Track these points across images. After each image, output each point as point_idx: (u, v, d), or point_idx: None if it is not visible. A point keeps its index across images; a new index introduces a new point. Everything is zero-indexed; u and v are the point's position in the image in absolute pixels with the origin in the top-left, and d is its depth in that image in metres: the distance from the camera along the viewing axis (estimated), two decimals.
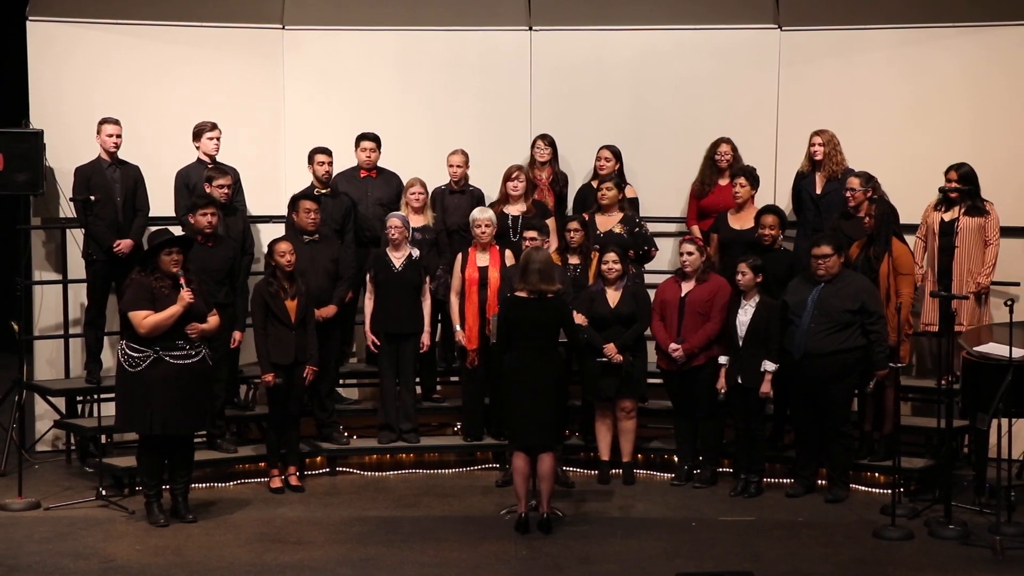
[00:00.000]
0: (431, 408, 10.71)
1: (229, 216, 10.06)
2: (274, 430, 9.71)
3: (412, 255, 10.13)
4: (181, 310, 8.66)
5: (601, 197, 10.40)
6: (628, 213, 10.43)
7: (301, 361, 9.57)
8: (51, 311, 10.79)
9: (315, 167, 10.42)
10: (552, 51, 11.31)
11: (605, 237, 10.21)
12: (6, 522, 8.83)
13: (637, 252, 10.28)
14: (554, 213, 10.69)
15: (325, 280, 10.04)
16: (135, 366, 8.64)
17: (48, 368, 10.83)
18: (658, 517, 9.07)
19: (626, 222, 10.36)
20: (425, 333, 10.18)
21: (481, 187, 10.79)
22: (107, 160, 10.22)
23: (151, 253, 8.78)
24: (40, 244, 10.83)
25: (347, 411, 10.73)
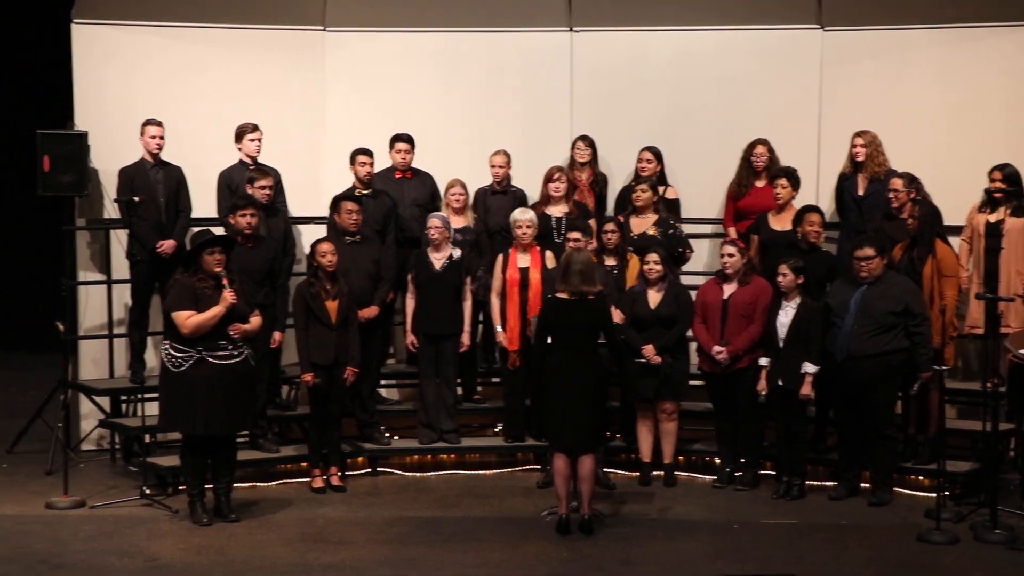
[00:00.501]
0: (472, 409, 10.70)
1: (271, 217, 10.07)
2: (316, 430, 9.70)
3: (453, 256, 10.11)
4: (224, 310, 8.67)
5: (636, 199, 10.37)
6: (663, 215, 10.39)
7: (342, 362, 9.57)
8: (96, 311, 10.84)
9: (357, 168, 10.41)
10: (592, 52, 11.29)
11: (639, 239, 10.19)
12: (52, 520, 8.88)
13: (671, 254, 10.25)
14: (594, 214, 10.66)
15: (366, 281, 10.03)
16: (178, 366, 8.66)
17: (93, 368, 10.87)
18: (699, 519, 9.03)
19: (660, 224, 10.32)
20: (465, 334, 10.16)
21: (522, 187, 10.76)
22: (150, 161, 10.27)
23: (194, 253, 8.81)
24: (85, 245, 10.87)
25: (388, 411, 10.73)
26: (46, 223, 12.02)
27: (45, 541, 8.45)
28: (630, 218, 10.38)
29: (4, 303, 15.43)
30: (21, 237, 15.10)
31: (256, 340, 9.14)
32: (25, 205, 13.76)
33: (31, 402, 11.15)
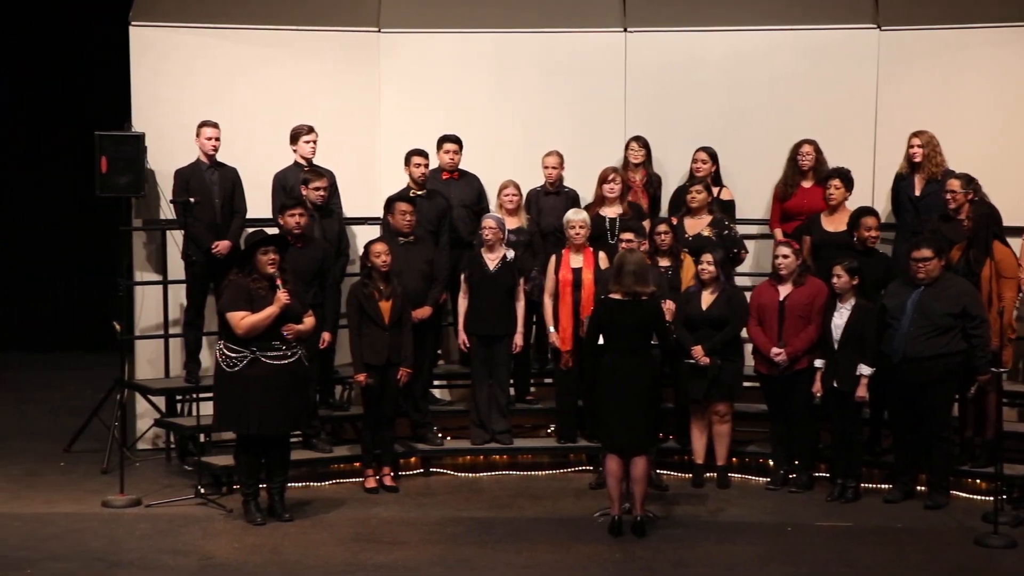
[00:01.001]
0: (525, 410, 10.67)
1: (325, 218, 10.09)
2: (369, 430, 9.71)
3: (507, 257, 10.09)
4: (278, 311, 8.69)
5: (690, 200, 10.32)
6: (717, 216, 10.34)
7: (395, 362, 9.56)
8: (152, 311, 10.89)
9: (411, 169, 10.41)
10: (646, 52, 11.23)
11: (694, 240, 10.13)
12: (108, 519, 8.93)
13: (727, 255, 10.18)
14: (648, 215, 10.61)
15: (420, 281, 10.03)
16: (232, 366, 8.68)
17: (149, 368, 10.93)
18: (753, 521, 8.97)
19: (715, 225, 10.26)
20: (518, 334, 10.13)
21: (575, 188, 10.73)
22: (206, 162, 10.31)
23: (247, 253, 8.83)
24: (141, 245, 10.93)
25: (441, 412, 10.73)
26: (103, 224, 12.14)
27: (101, 539, 8.49)
28: (684, 219, 10.34)
29: (62, 303, 15.60)
30: (78, 238, 15.23)
31: (309, 340, 9.16)
32: (83, 206, 13.92)
33: (88, 401, 11.24)
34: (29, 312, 15.59)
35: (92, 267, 14.98)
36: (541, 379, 10.88)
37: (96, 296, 14.75)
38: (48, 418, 12.00)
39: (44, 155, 15.21)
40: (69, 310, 15.54)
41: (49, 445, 10.87)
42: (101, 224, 13.04)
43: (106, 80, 13.18)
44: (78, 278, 15.46)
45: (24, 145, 15.25)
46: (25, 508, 9.16)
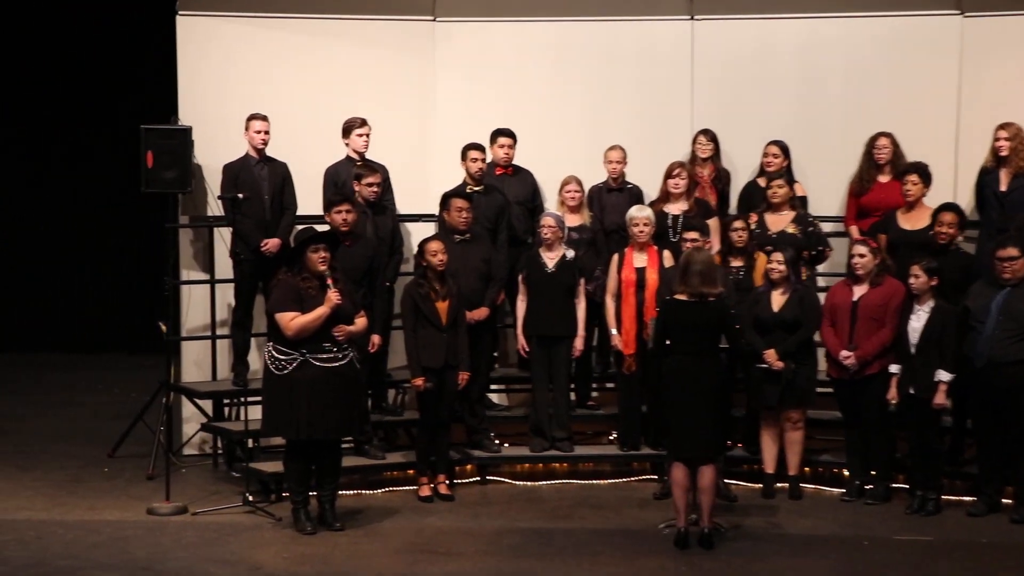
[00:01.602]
0: (586, 416, 10.65)
1: (378, 215, 10.12)
2: (424, 436, 9.73)
3: (566, 255, 10.08)
4: (328, 312, 8.70)
5: (772, 195, 10.26)
6: (800, 212, 10.28)
7: (452, 365, 9.57)
8: (198, 311, 10.93)
9: (468, 164, 10.43)
10: (715, 41, 11.20)
11: (778, 238, 10.07)
12: (154, 527, 8.98)
13: (811, 253, 10.13)
14: (716, 212, 10.58)
15: (476, 281, 10.05)
16: (282, 369, 8.71)
17: (195, 370, 10.98)
18: (827, 535, 8.91)
19: (799, 221, 10.20)
20: (579, 337, 10.11)
21: (639, 184, 10.72)
22: (255, 157, 10.34)
23: (297, 252, 8.85)
24: (188, 243, 10.98)
25: (498, 418, 10.74)
26: (149, 221, 12.22)
27: (146, 547, 8.55)
28: (765, 215, 10.28)
29: (106, 303, 15.74)
30: (123, 235, 15.41)
31: (360, 342, 9.18)
32: (128, 202, 14.05)
33: (133, 404, 11.35)
34: (72, 312, 15.77)
35: (137, 266, 15.26)
36: (603, 384, 10.89)
37: (141, 296, 14.87)
38: (92, 422, 12.08)
39: (87, 150, 15.38)
40: (114, 310, 15.69)
41: (93, 450, 10.96)
42: (147, 221, 13.19)
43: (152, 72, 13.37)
44: (123, 277, 15.62)
45: (67, 140, 15.41)
46: (69, 515, 9.25)
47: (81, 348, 15.56)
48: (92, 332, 15.73)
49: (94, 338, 15.68)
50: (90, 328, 15.73)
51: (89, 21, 14.85)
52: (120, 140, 14.02)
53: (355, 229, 9.74)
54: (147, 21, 13.31)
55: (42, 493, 9.76)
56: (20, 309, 15.62)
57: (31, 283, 15.60)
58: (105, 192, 15.25)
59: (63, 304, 15.71)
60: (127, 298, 15.50)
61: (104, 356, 15.29)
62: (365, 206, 10.03)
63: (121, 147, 13.98)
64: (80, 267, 15.71)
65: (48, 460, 10.70)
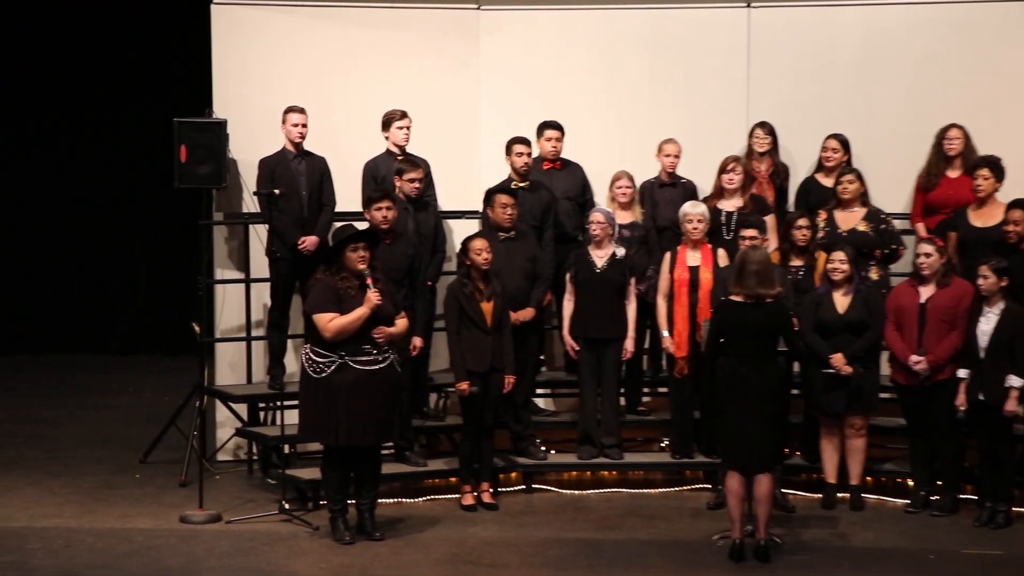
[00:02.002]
0: (636, 421, 10.62)
1: (420, 212, 10.11)
2: (467, 443, 9.72)
3: (616, 254, 10.06)
4: (368, 312, 8.70)
5: (842, 191, 10.19)
6: (872, 208, 10.20)
7: (497, 368, 9.56)
8: (233, 312, 10.93)
9: (513, 158, 10.40)
10: (772, 29, 11.14)
11: (849, 236, 10.02)
12: (187, 535, 8.99)
13: (883, 252, 10.08)
14: (774, 208, 10.53)
15: (522, 281, 10.03)
16: (320, 371, 8.72)
17: (230, 372, 10.99)
18: (890, 548, 8.86)
19: (871, 218, 10.13)
20: (629, 339, 10.09)
21: (692, 179, 10.69)
22: (292, 151, 10.34)
23: (336, 250, 8.86)
24: (222, 240, 10.98)
25: (544, 423, 10.71)
26: (182, 218, 12.25)
27: (179, 557, 8.57)
28: (834, 212, 10.21)
29: (137, 302, 15.81)
30: (156, 233, 15.47)
31: (401, 344, 9.18)
32: (161, 199, 14.13)
33: (165, 408, 11.39)
34: (103, 312, 15.82)
35: (170, 264, 15.32)
36: (654, 388, 10.84)
37: (175, 296, 14.99)
38: (123, 426, 12.11)
39: (118, 145, 15.42)
40: (146, 310, 15.77)
41: (124, 455, 11.00)
42: (180, 218, 13.25)
43: (185, 63, 13.43)
44: (155, 276, 15.67)
45: (97, 134, 15.46)
46: (99, 523, 9.28)
47: (113, 349, 15.65)
48: (124, 333, 15.80)
49: (126, 339, 15.75)
50: (122, 329, 15.81)
51: (119, 10, 14.87)
52: (152, 134, 14.10)
53: (396, 226, 9.70)
54: (180, 10, 13.34)
55: (71, 500, 9.81)
56: (51, 310, 15.66)
57: (61, 283, 15.65)
58: (137, 188, 15.32)
59: (95, 304, 15.77)
60: (160, 298, 15.56)
61: (136, 358, 15.37)
62: (406, 202, 10.01)
63: (153, 142, 14.06)
64: (111, 266, 15.78)
65: (78, 465, 10.76)
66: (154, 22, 14.78)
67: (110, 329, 15.84)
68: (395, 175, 10.09)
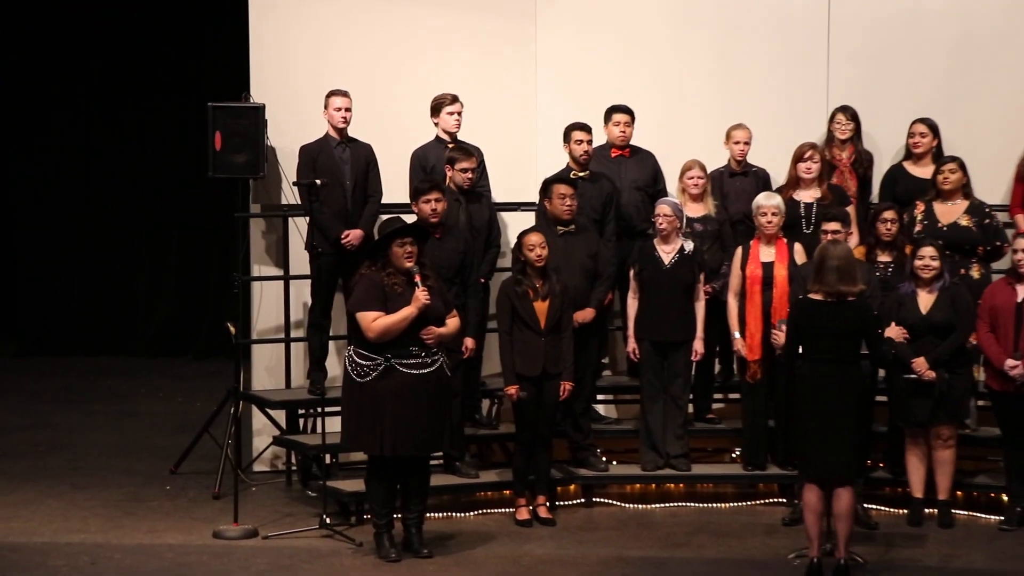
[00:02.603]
0: (705, 430, 10.63)
1: (473, 203, 10.12)
2: (521, 453, 9.72)
3: (684, 249, 10.04)
4: (416, 312, 8.72)
5: (943, 181, 10.17)
6: (975, 201, 10.19)
7: (552, 373, 9.57)
8: (271, 311, 10.96)
9: (572, 146, 10.38)
10: (854, 6, 11.10)
11: (950, 231, 10.02)
12: (221, 551, 9.01)
13: (986, 248, 10.07)
14: (856, 200, 10.48)
15: (582, 278, 10.00)
16: (364, 375, 8.74)
17: (267, 377, 11.02)
18: (983, 568, 8.83)
19: (974, 212, 10.14)
20: (698, 340, 10.07)
21: (766, 168, 10.67)
22: (335, 138, 10.37)
23: (382, 245, 8.87)
24: (259, 235, 11.01)
25: (606, 432, 10.68)
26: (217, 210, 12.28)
27: (212, 575, 8.59)
28: (933, 204, 10.19)
29: (169, 302, 15.90)
30: (188, 226, 15.56)
31: (451, 346, 9.17)
32: (194, 190, 14.20)
33: (198, 415, 11.45)
34: (132, 311, 15.92)
35: (204, 260, 15.45)
36: (725, 394, 10.86)
37: (208, 294, 15.10)
38: (152, 434, 12.16)
39: (149, 132, 15.52)
40: (178, 309, 15.85)
41: (154, 465, 11.05)
42: (215, 211, 13.31)
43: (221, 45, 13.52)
44: (188, 273, 15.78)
45: (127, 121, 15.56)
46: (127, 538, 9.32)
47: (142, 352, 15.73)
48: (154, 334, 15.90)
49: (156, 341, 15.85)
50: (152, 330, 15.91)
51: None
52: (186, 120, 14.22)
53: (446, 220, 9.72)
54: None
55: (97, 514, 9.85)
56: (76, 309, 15.82)
57: (88, 281, 15.81)
58: (169, 178, 15.40)
59: (123, 304, 15.87)
60: (192, 296, 15.68)
61: (167, 361, 15.45)
62: (458, 193, 10.02)
63: (186, 129, 14.15)
64: (140, 263, 15.88)
65: (105, 477, 10.80)
66: (190, 4, 14.85)
67: (139, 330, 15.94)
68: (446, 164, 10.10)
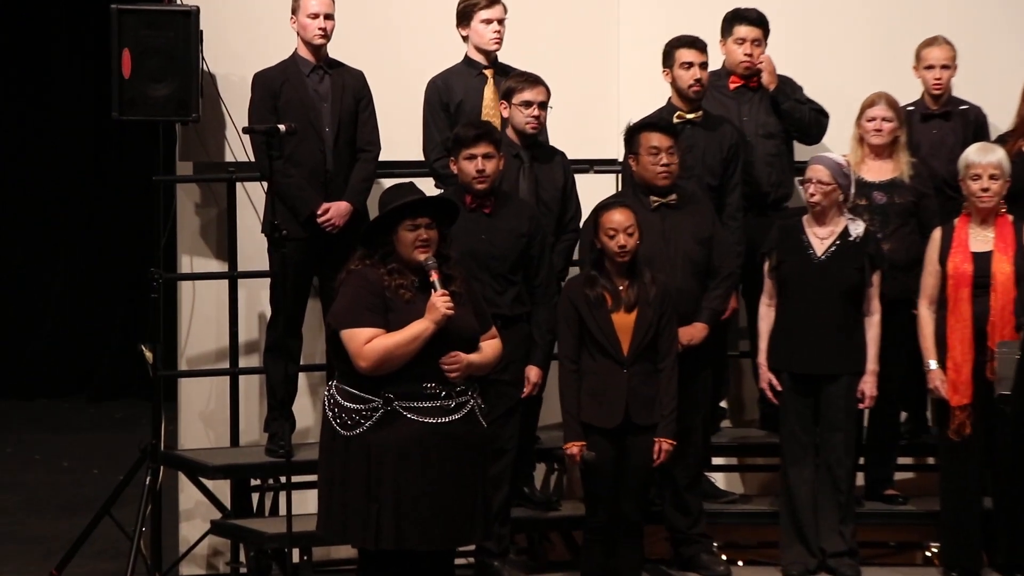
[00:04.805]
0: (883, 513, 10.67)
1: (541, 163, 10.18)
2: (595, 547, 9.70)
3: (849, 232, 10.06)
4: (432, 329, 8.46)
5: None
6: None
7: (642, 425, 9.49)
8: (209, 327, 11.13)
9: (677, 72, 10.40)
10: None
11: None
12: None
13: None
14: None
15: (688, 276, 9.97)
16: (353, 426, 8.49)
17: (202, 427, 11.17)
18: None
19: None
20: (869, 374, 10.02)
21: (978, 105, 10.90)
22: (309, 61, 10.43)
23: (382, 227, 8.62)
24: (191, 209, 11.14)
25: (725, 515, 10.75)
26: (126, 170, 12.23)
27: None
28: None
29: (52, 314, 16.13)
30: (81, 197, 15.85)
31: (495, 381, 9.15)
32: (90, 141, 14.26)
33: (94, 488, 11.89)
34: None
35: (104, 250, 15.41)
36: (915, 457, 11.13)
37: (111, 301, 15.05)
38: (26, 517, 12.27)
39: (14, 51, 15.59)
40: (64, 326, 15.95)
41: (28, 564, 11.08)
42: (121, 173, 13.38)
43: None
44: (79, 270, 16.05)
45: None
46: None
47: (11, 392, 15.89)
48: (29, 365, 15.98)
49: (32, 374, 15.91)
50: (26, 358, 15.99)
51: None
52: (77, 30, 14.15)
53: (500, 186, 9.76)
54: None
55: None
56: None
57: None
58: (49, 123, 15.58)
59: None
60: (87, 306, 15.73)
61: (49, 404, 15.64)
62: (519, 146, 10.08)
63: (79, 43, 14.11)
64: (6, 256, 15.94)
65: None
66: None
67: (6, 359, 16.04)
68: (501, 99, 10.14)
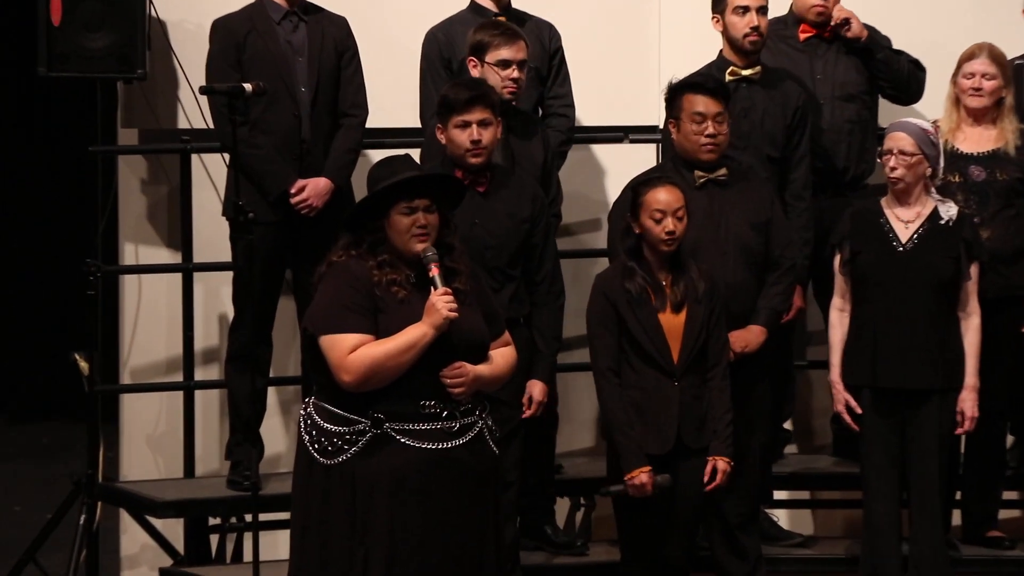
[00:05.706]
0: (986, 560, 10.74)
1: (523, 138, 10.30)
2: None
3: (939, 215, 10.16)
4: (432, 334, 8.37)
5: None
6: None
7: (694, 448, 9.46)
8: (157, 332, 11.28)
9: (730, 18, 10.53)
10: None
11: None
12: None
13: None
14: None
15: (740, 270, 10.00)
16: (334, 452, 8.42)
17: (149, 454, 11.35)
18: None
19: None
20: (968, 390, 10.12)
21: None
22: (280, 5, 10.54)
23: (370, 209, 8.53)
24: (136, 187, 11.27)
25: (789, 560, 10.82)
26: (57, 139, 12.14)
27: None
28: None
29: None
30: None
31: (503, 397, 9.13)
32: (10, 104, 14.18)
33: (17, 527, 12.06)
34: None
35: (28, 237, 15.94)
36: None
37: (38, 299, 15.46)
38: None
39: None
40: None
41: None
42: (50, 143, 13.43)
43: None
44: None
45: None
46: None
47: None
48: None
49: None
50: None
51: None
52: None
53: (496, 159, 9.82)
54: None
55: None
56: None
57: None
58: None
59: None
60: (6, 303, 16.44)
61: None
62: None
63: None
64: None
65: None
66: None
67: None
68: (472, 53, 10.20)
